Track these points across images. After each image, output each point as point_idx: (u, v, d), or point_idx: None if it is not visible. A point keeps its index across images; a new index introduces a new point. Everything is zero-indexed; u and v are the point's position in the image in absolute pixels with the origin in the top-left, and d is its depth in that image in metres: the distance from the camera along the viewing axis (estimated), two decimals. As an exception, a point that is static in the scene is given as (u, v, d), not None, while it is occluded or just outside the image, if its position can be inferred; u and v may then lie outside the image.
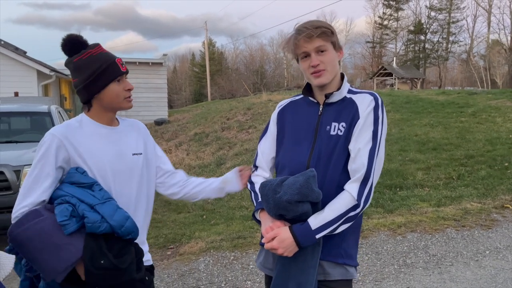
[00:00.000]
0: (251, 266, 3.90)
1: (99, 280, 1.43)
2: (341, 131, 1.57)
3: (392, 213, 5.32)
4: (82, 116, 1.66)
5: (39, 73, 13.65)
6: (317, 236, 1.48)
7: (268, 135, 1.79)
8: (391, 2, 52.41)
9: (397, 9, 52.54)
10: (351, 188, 1.51)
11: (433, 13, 50.91)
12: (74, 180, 1.53)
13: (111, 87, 1.60)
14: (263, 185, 1.59)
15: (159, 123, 15.57)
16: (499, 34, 49.45)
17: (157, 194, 6.44)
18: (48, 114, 6.16)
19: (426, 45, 51.39)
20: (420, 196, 5.93)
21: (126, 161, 1.64)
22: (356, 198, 1.50)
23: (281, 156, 1.71)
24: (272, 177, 1.76)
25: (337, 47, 1.60)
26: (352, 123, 1.57)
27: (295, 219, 1.51)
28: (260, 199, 1.64)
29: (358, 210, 1.51)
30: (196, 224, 5.42)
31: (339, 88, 1.63)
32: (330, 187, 1.55)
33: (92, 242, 1.43)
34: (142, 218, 1.72)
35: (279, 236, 1.49)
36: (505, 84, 39.39)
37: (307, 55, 1.59)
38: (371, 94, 1.61)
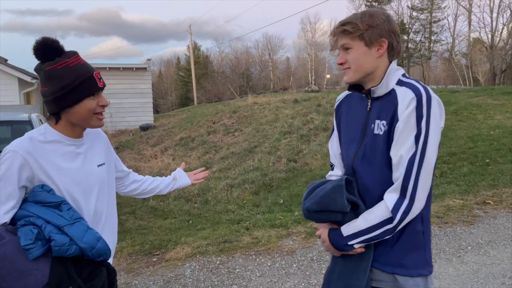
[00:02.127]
0: (237, 270, 3.90)
1: None
2: (381, 130, 1.45)
3: (377, 212, 5.37)
4: (47, 128, 1.51)
5: (21, 81, 13.46)
6: (350, 243, 1.45)
7: (334, 131, 1.73)
8: (374, 3, 53.03)
9: (380, 10, 53.15)
10: (389, 198, 1.42)
11: (414, 13, 51.66)
12: (39, 199, 1.40)
13: (85, 102, 1.47)
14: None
15: (144, 128, 15.45)
16: (479, 33, 50.29)
17: (143, 201, 6.36)
18: (29, 122, 6.08)
19: (409, 45, 52.10)
20: (404, 195, 5.99)
21: (94, 176, 1.57)
22: (391, 210, 1.40)
23: (342, 156, 1.66)
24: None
25: (368, 42, 1.44)
26: (392, 123, 1.42)
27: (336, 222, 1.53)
28: None
29: (393, 224, 1.40)
30: (182, 230, 5.39)
31: (379, 83, 1.48)
32: (373, 192, 1.48)
33: (59, 266, 1.33)
34: (113, 229, 1.70)
35: (321, 237, 1.55)
36: (487, 81, 40.12)
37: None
38: (414, 89, 1.41)
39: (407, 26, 51.63)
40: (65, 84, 1.43)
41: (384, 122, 1.44)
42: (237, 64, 57.52)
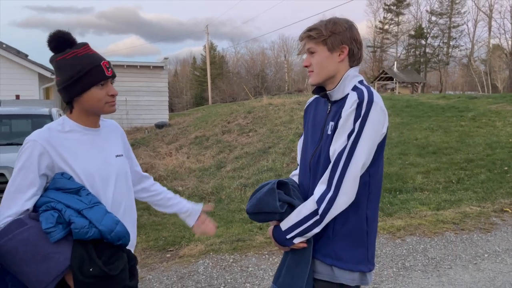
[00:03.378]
0: (250, 269, 3.91)
1: None
2: (331, 131, 1.53)
3: (392, 217, 5.33)
4: (64, 119, 1.57)
5: (41, 76, 13.72)
6: (288, 237, 1.54)
7: (303, 132, 1.81)
8: (392, 7, 52.57)
9: (398, 14, 52.68)
10: (317, 190, 1.50)
11: (433, 18, 51.04)
12: (59, 186, 1.45)
13: (93, 91, 1.50)
14: None
15: (159, 126, 15.60)
16: (499, 39, 49.60)
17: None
18: (49, 116, 6.20)
19: (427, 50, 51.47)
20: (419, 200, 5.93)
21: (112, 165, 1.60)
22: (316, 201, 1.47)
23: (303, 155, 1.74)
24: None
25: (331, 47, 1.53)
26: (337, 123, 1.51)
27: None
28: None
29: (318, 215, 1.46)
30: (196, 227, 5.43)
31: (335, 87, 1.57)
32: None
33: (80, 249, 1.36)
34: (132, 219, 1.71)
35: (269, 235, 1.65)
36: (506, 88, 39.39)
37: None
38: (360, 93, 1.49)
39: (425, 31, 51.03)
40: (73, 72, 1.48)
41: (334, 123, 1.53)
42: (252, 65, 57.64)
